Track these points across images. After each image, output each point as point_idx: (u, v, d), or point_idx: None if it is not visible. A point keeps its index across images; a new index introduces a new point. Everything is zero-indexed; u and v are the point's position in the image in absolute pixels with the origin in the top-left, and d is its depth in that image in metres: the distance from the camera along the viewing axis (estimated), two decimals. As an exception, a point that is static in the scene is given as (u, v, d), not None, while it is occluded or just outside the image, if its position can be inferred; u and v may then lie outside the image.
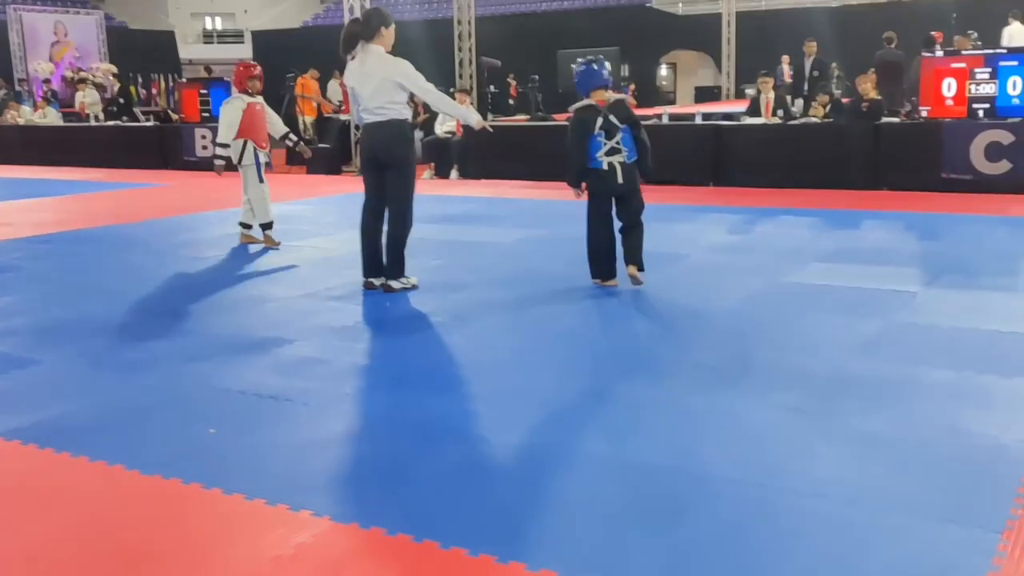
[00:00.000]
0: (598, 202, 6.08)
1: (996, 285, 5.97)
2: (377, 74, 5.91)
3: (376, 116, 6.00)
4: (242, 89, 8.01)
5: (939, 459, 3.27)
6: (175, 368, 4.51)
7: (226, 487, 3.10)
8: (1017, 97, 10.10)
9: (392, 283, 6.14)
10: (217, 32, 41.00)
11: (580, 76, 6.01)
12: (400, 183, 6.07)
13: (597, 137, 5.90)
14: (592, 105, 5.93)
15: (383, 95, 5.93)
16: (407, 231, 6.11)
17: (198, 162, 16.12)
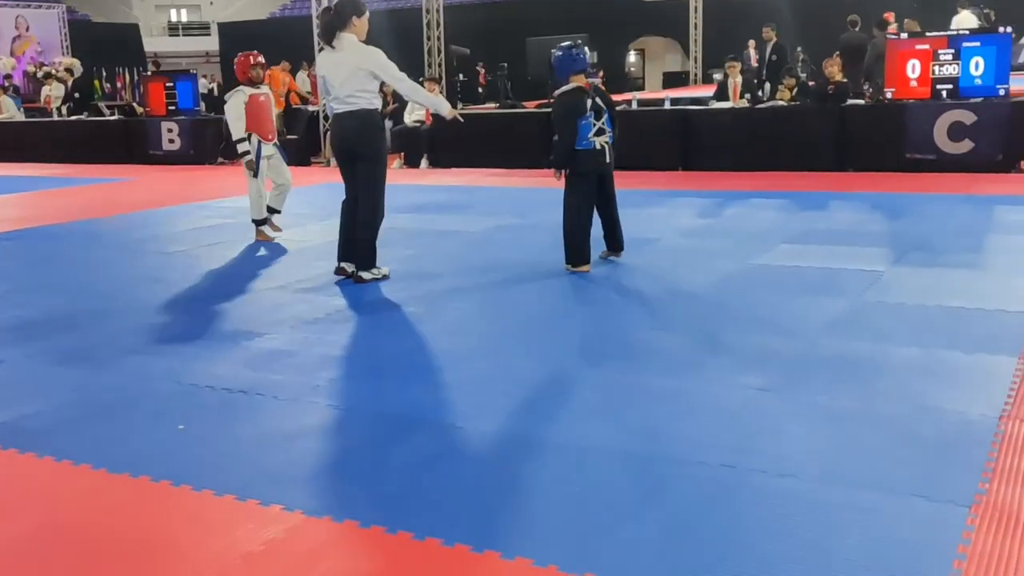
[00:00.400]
0: (587, 183, 6.15)
1: (960, 262, 6.06)
2: (349, 63, 5.88)
3: (346, 106, 5.97)
4: (244, 80, 7.78)
5: (908, 435, 3.31)
6: (143, 364, 4.46)
7: (196, 484, 3.07)
8: (979, 77, 10.22)
9: (363, 274, 6.11)
10: (183, 24, 40.54)
11: (561, 61, 6.10)
12: (371, 173, 6.06)
13: (588, 117, 6.01)
14: (580, 87, 6.06)
15: (354, 84, 5.90)
16: (378, 221, 6.09)
17: (164, 156, 15.97)
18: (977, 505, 2.76)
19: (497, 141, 13.23)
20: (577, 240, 6.19)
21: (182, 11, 41.11)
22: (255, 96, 7.71)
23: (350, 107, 5.96)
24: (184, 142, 16.00)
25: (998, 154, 10.12)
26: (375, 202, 6.05)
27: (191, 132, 16.03)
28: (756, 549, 2.56)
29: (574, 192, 6.17)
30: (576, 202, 6.17)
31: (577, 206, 6.17)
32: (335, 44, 5.95)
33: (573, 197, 6.18)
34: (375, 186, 6.06)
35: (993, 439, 3.24)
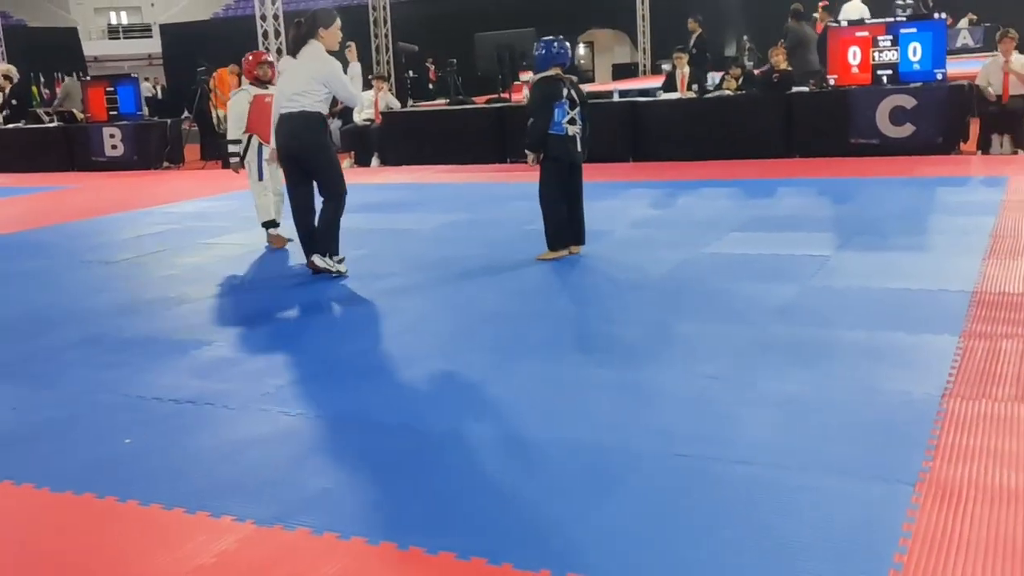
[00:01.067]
0: (558, 170, 6.22)
1: (904, 245, 6.17)
2: (303, 68, 6.01)
3: (287, 107, 6.03)
4: (251, 79, 7.52)
5: (855, 417, 3.36)
6: (86, 377, 4.37)
7: (143, 498, 3.00)
8: (918, 62, 10.40)
9: (315, 259, 6.10)
10: (123, 27, 39.86)
11: (544, 53, 6.24)
12: (323, 171, 6.10)
13: (563, 104, 6.10)
14: (557, 75, 6.17)
15: (300, 86, 5.98)
16: (341, 206, 6.16)
17: (108, 162, 15.70)
18: (921, 483, 2.82)
19: (447, 137, 13.21)
20: (555, 224, 6.29)
21: (122, 13, 40.40)
22: (260, 97, 7.32)
23: (291, 109, 6.02)
24: (128, 148, 15.73)
25: (938, 137, 10.32)
26: (337, 187, 6.10)
27: (134, 137, 15.75)
28: (714, 535, 2.58)
29: (547, 180, 6.26)
30: (549, 190, 6.26)
31: (550, 194, 6.26)
32: (298, 54, 6.07)
33: (546, 186, 6.27)
34: (332, 181, 6.10)
35: (936, 417, 3.30)
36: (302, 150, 6.06)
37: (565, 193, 6.28)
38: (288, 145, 6.09)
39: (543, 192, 6.29)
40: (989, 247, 5.84)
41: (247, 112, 7.38)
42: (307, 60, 6.02)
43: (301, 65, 6.03)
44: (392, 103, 14.52)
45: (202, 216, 9.60)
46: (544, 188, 6.28)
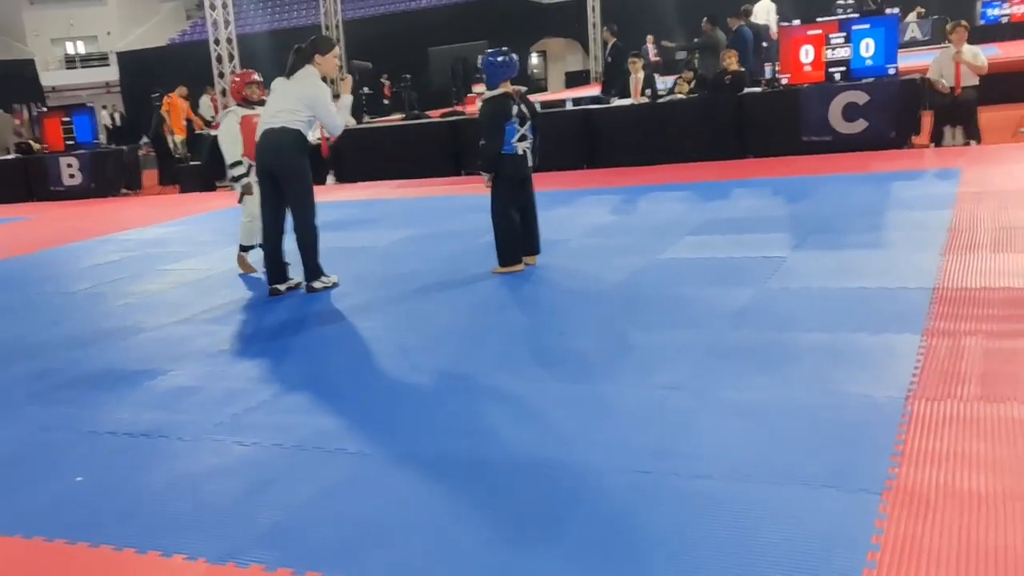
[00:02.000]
0: (510, 188, 6.20)
1: (860, 242, 6.17)
2: (292, 88, 6.07)
3: (269, 123, 6.07)
4: (239, 100, 7.30)
5: (817, 423, 3.32)
6: (38, 414, 4.27)
7: (93, 540, 2.92)
8: (870, 58, 10.50)
9: (313, 284, 6.28)
10: (80, 56, 39.49)
11: (494, 67, 6.16)
12: (294, 188, 6.11)
13: (514, 123, 6.08)
14: (507, 94, 6.12)
15: (284, 104, 6.04)
16: (313, 235, 6.20)
17: (66, 191, 15.59)
18: (888, 491, 2.77)
19: (402, 152, 13.19)
20: (507, 242, 6.25)
21: (79, 43, 40.00)
22: (248, 117, 7.08)
23: (272, 124, 6.05)
24: (85, 176, 15.61)
25: (891, 131, 10.42)
26: (306, 216, 6.16)
27: (91, 166, 15.64)
28: (678, 558, 2.53)
29: (499, 197, 6.23)
30: (501, 206, 6.23)
31: (503, 210, 6.22)
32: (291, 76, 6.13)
33: (498, 202, 6.24)
34: (303, 202, 6.15)
35: (901, 420, 3.26)
36: (278, 166, 6.06)
37: (517, 207, 6.26)
38: (265, 160, 6.11)
39: (495, 208, 6.26)
40: (947, 241, 5.85)
41: (239, 134, 7.12)
42: (297, 81, 6.08)
43: (291, 85, 6.09)
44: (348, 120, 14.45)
45: (160, 242, 9.49)
46: (496, 204, 6.25)
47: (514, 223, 6.25)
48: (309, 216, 6.18)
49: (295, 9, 37.04)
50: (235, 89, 7.44)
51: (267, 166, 6.12)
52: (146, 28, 40.15)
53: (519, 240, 6.30)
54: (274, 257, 6.34)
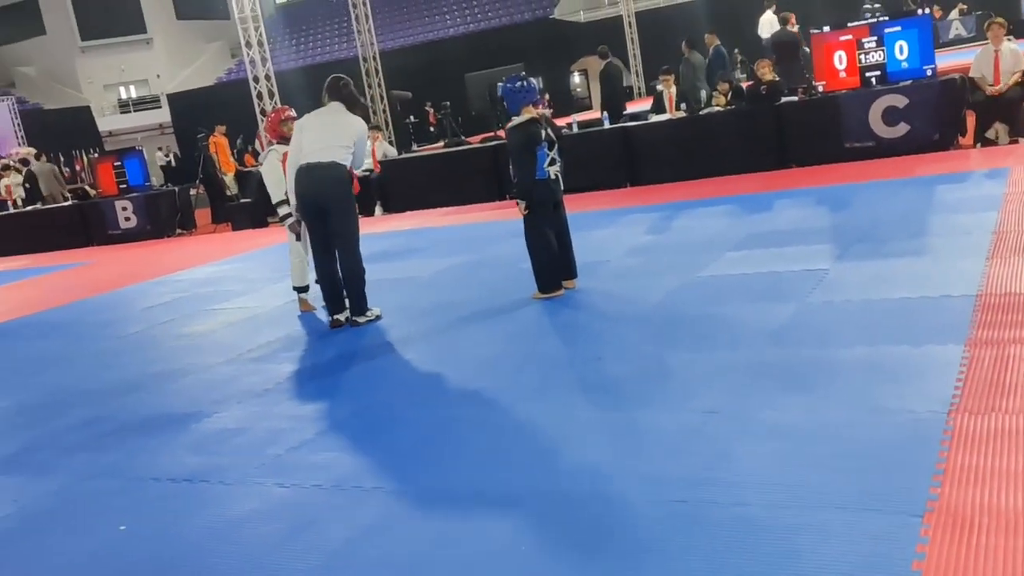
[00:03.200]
0: (543, 213, 6.18)
1: (903, 250, 6.05)
2: (334, 121, 6.16)
3: (316, 157, 6.07)
4: (277, 137, 7.26)
5: (857, 443, 3.25)
6: (86, 462, 4.36)
7: (133, 590, 2.98)
8: (905, 60, 10.34)
9: (358, 319, 6.34)
10: (132, 100, 40.59)
11: (513, 94, 6.15)
12: (343, 223, 6.17)
13: (544, 148, 6.06)
14: (534, 119, 6.10)
15: (328, 139, 6.09)
16: (360, 268, 6.26)
17: (123, 234, 15.98)
18: (930, 513, 2.69)
19: (445, 179, 13.32)
20: (545, 268, 6.24)
21: (131, 87, 41.13)
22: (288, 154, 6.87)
23: (318, 159, 6.06)
24: (140, 218, 16.00)
25: (934, 133, 10.22)
26: (353, 251, 6.22)
27: (145, 208, 16.01)
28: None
29: (534, 223, 6.20)
30: (537, 232, 6.20)
31: (538, 236, 6.20)
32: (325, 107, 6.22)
33: (534, 228, 6.21)
34: (350, 236, 6.22)
35: (943, 436, 3.18)
36: (331, 199, 6.10)
37: (552, 231, 6.23)
38: (314, 193, 6.12)
39: (530, 236, 6.22)
40: (992, 245, 5.71)
41: (283, 172, 6.94)
42: (339, 115, 6.16)
43: (333, 120, 6.16)
44: (389, 152, 14.66)
45: (211, 281, 9.66)
46: (531, 232, 6.22)
47: (551, 248, 6.22)
48: (357, 250, 6.24)
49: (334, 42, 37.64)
50: (271, 127, 7.45)
51: (317, 200, 6.14)
52: (193, 69, 41.13)
53: (557, 265, 6.28)
54: (332, 289, 6.39)
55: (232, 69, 39.75)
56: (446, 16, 37.33)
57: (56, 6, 39.52)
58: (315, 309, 7.20)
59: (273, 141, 7.40)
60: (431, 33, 35.84)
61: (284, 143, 7.12)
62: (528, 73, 6.76)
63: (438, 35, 35.32)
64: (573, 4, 33.61)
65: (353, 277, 6.27)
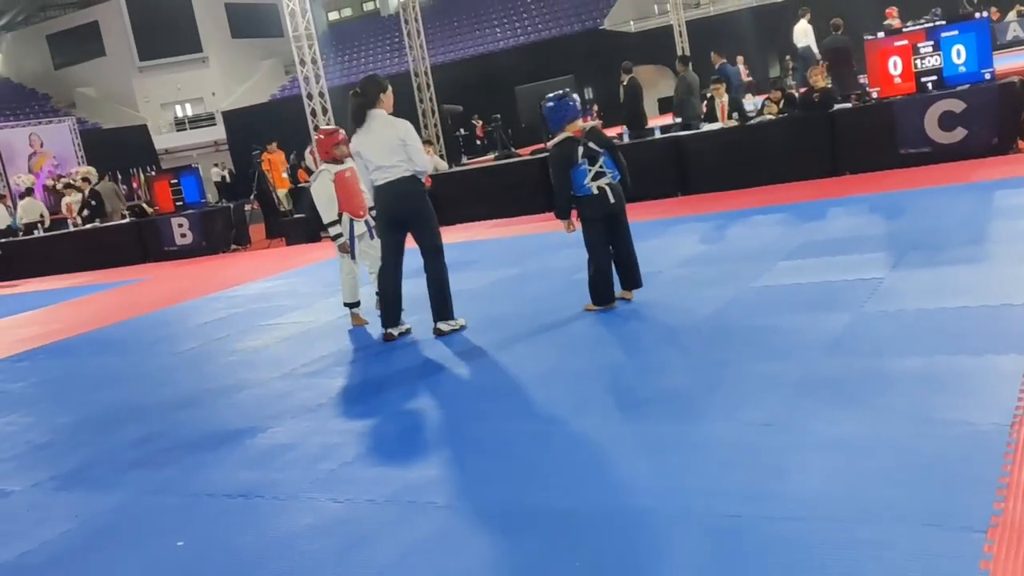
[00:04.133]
0: (595, 227, 6.17)
1: (960, 258, 5.93)
2: (383, 137, 6.13)
3: (387, 176, 6.15)
4: (328, 158, 7.27)
5: (915, 456, 3.19)
6: (145, 478, 4.44)
7: (192, 608, 3.02)
8: (963, 64, 10.14)
9: (441, 325, 6.37)
10: (188, 118, 41.46)
11: (552, 112, 6.16)
12: (425, 232, 6.25)
13: (581, 166, 6.03)
14: (570, 137, 6.08)
15: (390, 154, 6.11)
16: (445, 274, 6.32)
17: (179, 250, 16.27)
18: (994, 528, 2.63)
19: (496, 191, 13.36)
20: (603, 280, 6.23)
21: (186, 106, 42.03)
22: (341, 173, 7.12)
23: (390, 176, 6.14)
24: (196, 235, 16.28)
25: (993, 137, 10.00)
26: (439, 259, 6.28)
27: (200, 224, 16.29)
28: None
29: (587, 237, 6.22)
30: (591, 246, 6.21)
31: (591, 249, 6.20)
32: (366, 123, 6.18)
33: (587, 243, 6.23)
34: (434, 246, 6.28)
35: (1006, 450, 3.11)
36: (409, 213, 6.20)
37: (608, 244, 6.21)
38: (393, 211, 6.21)
39: (587, 247, 6.24)
40: (1053, 251, 5.58)
41: (335, 193, 7.14)
42: (382, 129, 6.14)
43: (379, 136, 6.13)
44: (440, 165, 14.75)
45: (265, 297, 9.79)
46: (587, 244, 6.23)
47: (604, 262, 6.19)
48: (442, 257, 6.30)
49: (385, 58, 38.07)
50: (322, 148, 7.43)
51: (397, 216, 6.23)
52: (248, 86, 41.93)
53: (611, 279, 6.24)
54: (394, 302, 6.45)
55: (286, 86, 40.42)
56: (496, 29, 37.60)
57: (116, 28, 40.58)
58: (367, 323, 7.26)
59: (324, 161, 7.47)
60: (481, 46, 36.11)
61: (334, 164, 7.21)
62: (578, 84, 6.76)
63: (488, 48, 35.58)
64: (623, 14, 33.63)
65: (440, 284, 6.32)
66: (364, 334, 6.99)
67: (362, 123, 6.18)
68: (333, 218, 7.15)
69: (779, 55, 24.83)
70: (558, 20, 36.27)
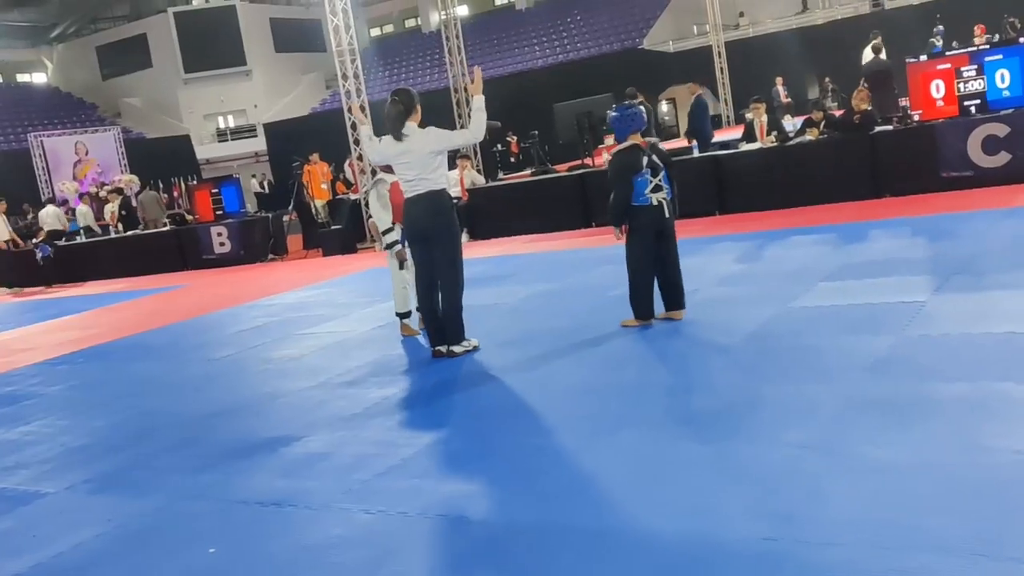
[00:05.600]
0: (645, 239, 6.12)
1: (1006, 282, 5.82)
2: (416, 150, 6.10)
3: (414, 190, 6.14)
4: (384, 168, 7.18)
5: (961, 483, 3.12)
6: (179, 484, 4.46)
7: (220, 610, 3.02)
8: (1007, 89, 10.03)
9: (455, 348, 6.29)
10: (230, 129, 41.96)
11: (619, 121, 6.17)
12: (446, 251, 6.18)
13: (644, 174, 6.02)
14: (636, 145, 6.09)
15: (420, 169, 6.09)
16: (459, 296, 6.23)
17: (217, 259, 16.43)
18: (1047, 562, 2.55)
19: (532, 207, 13.38)
20: (639, 295, 6.19)
21: (228, 117, 42.55)
22: (396, 183, 6.89)
23: (418, 191, 6.12)
24: (234, 244, 16.43)
25: (1037, 162, 9.87)
26: (456, 279, 6.21)
27: (239, 234, 16.45)
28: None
29: (633, 248, 6.17)
30: (635, 258, 6.16)
31: (636, 261, 6.16)
32: (401, 136, 6.14)
33: (633, 254, 6.18)
34: (454, 264, 6.21)
35: (1054, 479, 3.03)
36: (433, 227, 6.14)
37: (654, 260, 6.15)
38: (419, 223, 6.18)
39: (629, 261, 6.19)
40: (1100, 277, 5.47)
41: (390, 201, 7.12)
42: (415, 141, 6.10)
43: (412, 147, 6.10)
44: (476, 180, 14.78)
45: (301, 306, 9.84)
46: (630, 256, 6.18)
47: (647, 276, 6.15)
48: (459, 278, 6.23)
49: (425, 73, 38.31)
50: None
51: (421, 229, 6.18)
52: (289, 99, 42.35)
53: (651, 293, 6.20)
54: (433, 323, 6.38)
55: (326, 100, 40.77)
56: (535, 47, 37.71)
57: (163, 41, 41.23)
58: (418, 334, 7.21)
59: (378, 170, 7.43)
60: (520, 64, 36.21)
61: (390, 171, 7.12)
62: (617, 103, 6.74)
63: (527, 65, 35.67)
64: (662, 34, 33.61)
65: (450, 305, 6.23)
66: (401, 346, 6.99)
67: (399, 132, 6.15)
68: (388, 226, 7.16)
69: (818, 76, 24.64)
70: (597, 39, 36.31)
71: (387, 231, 7.17)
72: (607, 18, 36.93)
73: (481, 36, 38.56)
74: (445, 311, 6.24)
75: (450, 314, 6.24)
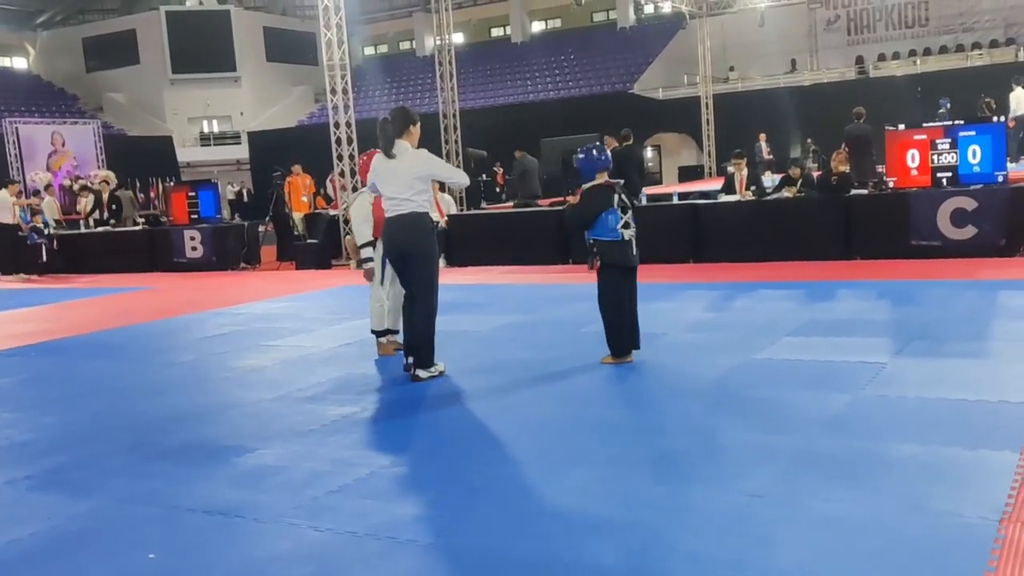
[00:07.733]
0: (617, 276, 6.17)
1: (963, 351, 5.95)
2: (404, 171, 6.07)
3: (396, 210, 6.10)
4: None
5: (904, 542, 3.17)
6: (124, 486, 4.38)
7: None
8: (978, 164, 10.30)
9: (420, 372, 6.21)
10: (214, 134, 41.82)
11: (585, 162, 6.21)
12: (421, 273, 6.15)
13: (615, 211, 6.06)
14: (607, 183, 6.14)
15: (405, 190, 6.05)
16: (431, 321, 6.18)
17: (188, 263, 16.28)
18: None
19: (512, 239, 13.44)
20: (617, 333, 6.22)
21: (213, 122, 42.44)
22: (379, 198, 6.70)
23: (399, 211, 6.09)
24: (207, 249, 16.29)
25: (1001, 239, 10.15)
26: (428, 303, 6.16)
27: (212, 240, 16.32)
28: None
29: (605, 286, 6.21)
30: (607, 297, 6.21)
31: (609, 301, 6.20)
32: (392, 153, 6.14)
33: (604, 292, 6.22)
34: (427, 287, 6.17)
35: (993, 545, 3.08)
36: (408, 247, 6.11)
37: (622, 297, 6.20)
38: (397, 244, 6.16)
39: (602, 299, 6.23)
40: (1053, 354, 5.57)
41: (371, 215, 7.08)
42: (404, 161, 6.09)
43: (400, 166, 6.08)
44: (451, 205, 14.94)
45: (268, 317, 9.77)
46: (602, 294, 6.22)
47: (622, 312, 6.20)
48: (433, 302, 6.18)
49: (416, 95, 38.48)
50: (363, 170, 7.35)
51: (400, 249, 6.16)
52: (277, 109, 42.35)
53: (627, 332, 6.23)
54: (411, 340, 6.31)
55: (315, 113, 40.79)
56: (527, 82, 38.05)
57: (153, 39, 41.13)
58: (394, 353, 7.14)
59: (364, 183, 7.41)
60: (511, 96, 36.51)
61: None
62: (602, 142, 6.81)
63: (519, 99, 35.97)
64: (653, 81, 34.04)
65: (423, 329, 6.16)
66: (371, 364, 6.94)
67: (389, 150, 6.15)
68: (368, 239, 7.14)
69: (801, 136, 25.03)
70: (588, 79, 36.72)
71: (364, 245, 7.15)
72: (600, 60, 37.43)
73: (475, 65, 38.85)
74: (417, 333, 6.19)
75: (421, 337, 6.19)
